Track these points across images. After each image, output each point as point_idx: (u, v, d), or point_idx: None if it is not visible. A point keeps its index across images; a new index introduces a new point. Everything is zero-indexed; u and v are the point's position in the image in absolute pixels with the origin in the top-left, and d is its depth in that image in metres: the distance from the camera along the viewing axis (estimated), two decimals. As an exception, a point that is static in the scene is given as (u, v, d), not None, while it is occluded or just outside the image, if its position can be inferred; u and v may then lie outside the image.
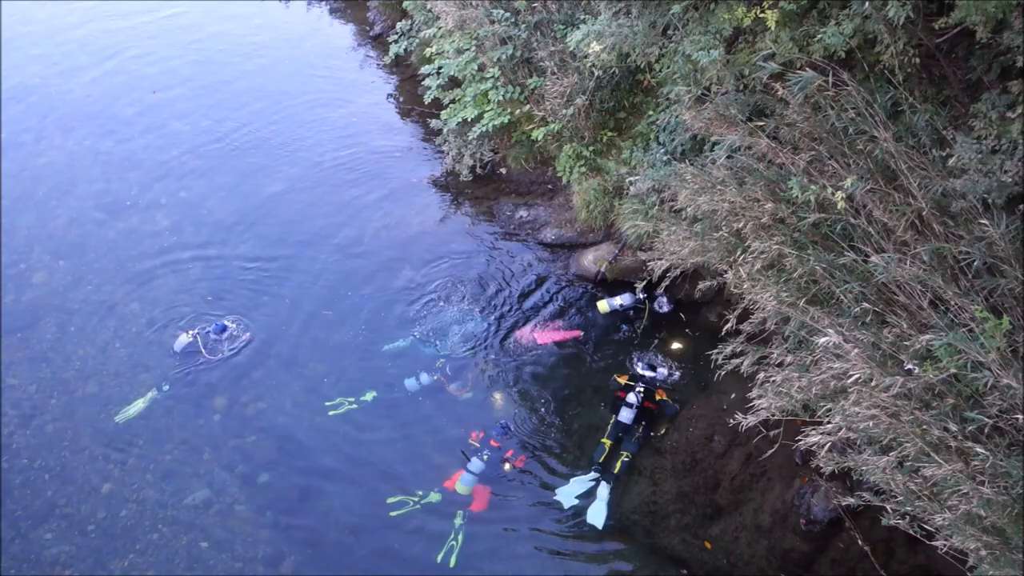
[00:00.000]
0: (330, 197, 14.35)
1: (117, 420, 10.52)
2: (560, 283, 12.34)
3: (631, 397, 10.04)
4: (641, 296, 11.28)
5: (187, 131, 16.02)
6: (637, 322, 11.38)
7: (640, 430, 9.85)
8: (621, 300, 11.44)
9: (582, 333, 11.42)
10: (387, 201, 14.25)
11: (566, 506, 9.37)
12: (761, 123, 7.87)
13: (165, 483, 9.88)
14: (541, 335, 11.43)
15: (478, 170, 14.12)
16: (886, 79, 6.93)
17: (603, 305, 11.49)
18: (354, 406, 10.63)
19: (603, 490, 9.42)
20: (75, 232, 13.44)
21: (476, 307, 11.96)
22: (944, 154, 6.48)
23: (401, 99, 17.14)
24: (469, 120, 13.30)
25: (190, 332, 11.36)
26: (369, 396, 10.71)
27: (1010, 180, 5.89)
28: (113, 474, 9.98)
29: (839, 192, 6.66)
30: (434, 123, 14.39)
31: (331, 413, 10.58)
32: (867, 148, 6.92)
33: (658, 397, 10.10)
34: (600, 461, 9.65)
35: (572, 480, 9.58)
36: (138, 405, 10.66)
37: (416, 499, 9.53)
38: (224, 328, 11.43)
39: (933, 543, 6.12)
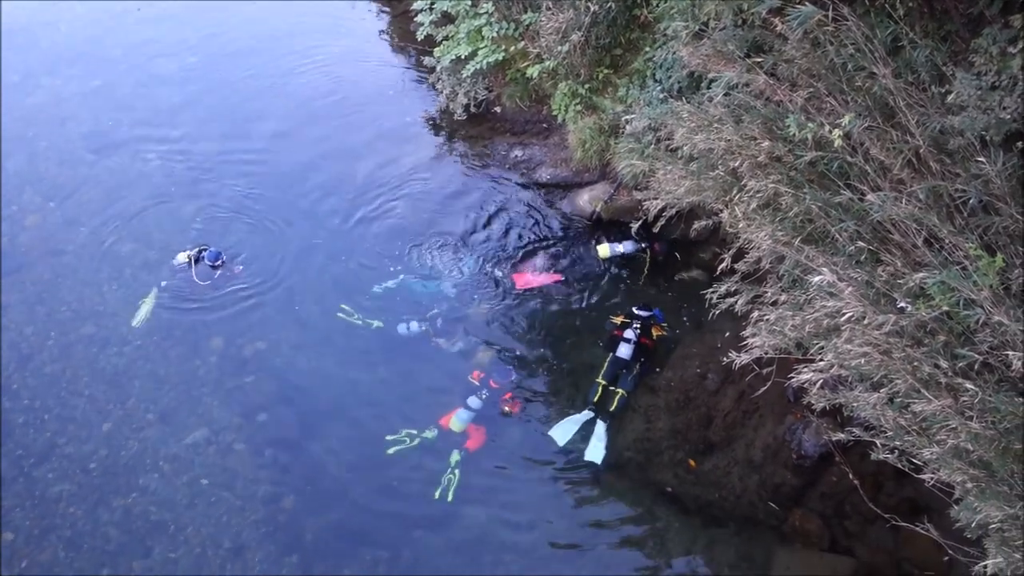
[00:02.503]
0: (321, 136, 14.20)
1: (135, 325, 10.91)
2: (556, 224, 12.32)
3: (628, 333, 10.14)
4: (643, 245, 11.28)
5: (174, 69, 15.75)
6: (636, 271, 11.37)
7: (637, 368, 9.96)
8: (623, 248, 11.42)
9: (563, 277, 11.45)
10: (379, 140, 14.11)
11: (560, 444, 9.52)
12: (759, 59, 7.76)
13: (164, 423, 10.00)
14: (533, 278, 11.44)
15: (472, 109, 13.96)
16: (886, 13, 6.82)
17: (603, 249, 11.46)
18: (359, 322, 10.81)
19: (600, 428, 9.56)
20: (66, 173, 13.32)
21: (468, 248, 11.95)
22: (943, 91, 6.41)
23: (394, 36, 16.84)
24: (463, 58, 13.09)
25: (187, 252, 11.58)
26: (374, 323, 10.80)
27: (1008, 117, 5.84)
28: (113, 414, 10.08)
29: (836, 130, 6.60)
30: (427, 61, 14.17)
31: (340, 316, 10.89)
32: (866, 85, 6.84)
33: (655, 333, 10.20)
34: (595, 401, 9.78)
35: (566, 419, 9.72)
36: (148, 304, 11.02)
37: (413, 436, 9.67)
38: (218, 256, 11.52)
39: (921, 476, 6.24)
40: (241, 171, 13.42)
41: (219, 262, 11.47)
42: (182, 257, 11.56)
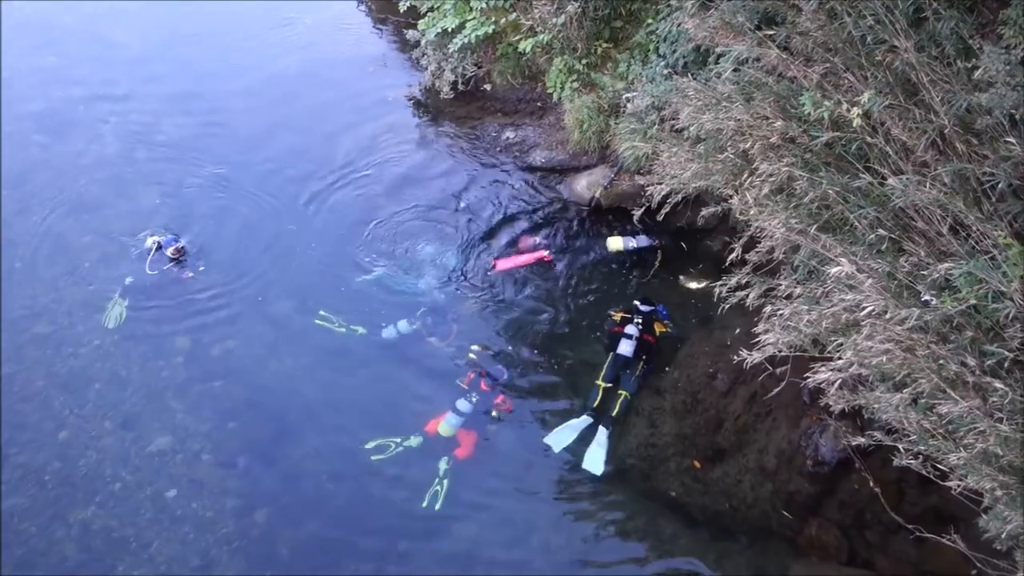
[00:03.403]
0: (293, 116, 14.20)
1: (109, 327, 10.87)
2: (551, 211, 12.32)
3: (630, 328, 10.18)
4: (656, 242, 11.31)
5: (134, 42, 15.71)
6: (642, 265, 11.41)
7: (640, 367, 9.99)
8: (637, 242, 11.43)
9: (550, 256, 11.51)
10: (358, 120, 14.10)
11: (556, 451, 9.53)
12: (771, 32, 7.78)
13: (126, 430, 9.96)
14: (515, 259, 11.48)
15: (460, 86, 13.95)
16: (909, -18, 6.85)
17: (615, 242, 11.47)
18: (341, 329, 10.75)
19: (601, 435, 9.56)
20: (17, 157, 13.27)
21: (456, 238, 11.95)
22: (969, 65, 6.43)
23: (373, 6, 16.81)
24: (449, 31, 13.07)
25: (155, 237, 11.71)
26: (358, 330, 10.79)
27: (1040, 94, 5.88)
28: (69, 421, 10.05)
29: (855, 108, 6.63)
30: (410, 34, 14.15)
31: (319, 322, 10.80)
32: (886, 59, 6.86)
33: (658, 330, 10.23)
34: (595, 406, 9.79)
35: (564, 425, 9.72)
36: (120, 305, 11.06)
37: (396, 443, 9.67)
38: (175, 241, 11.61)
39: (946, 484, 6.26)
40: (207, 155, 13.41)
41: (177, 251, 11.46)
42: (150, 242, 11.65)
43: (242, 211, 12.49)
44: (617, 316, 10.45)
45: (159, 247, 11.56)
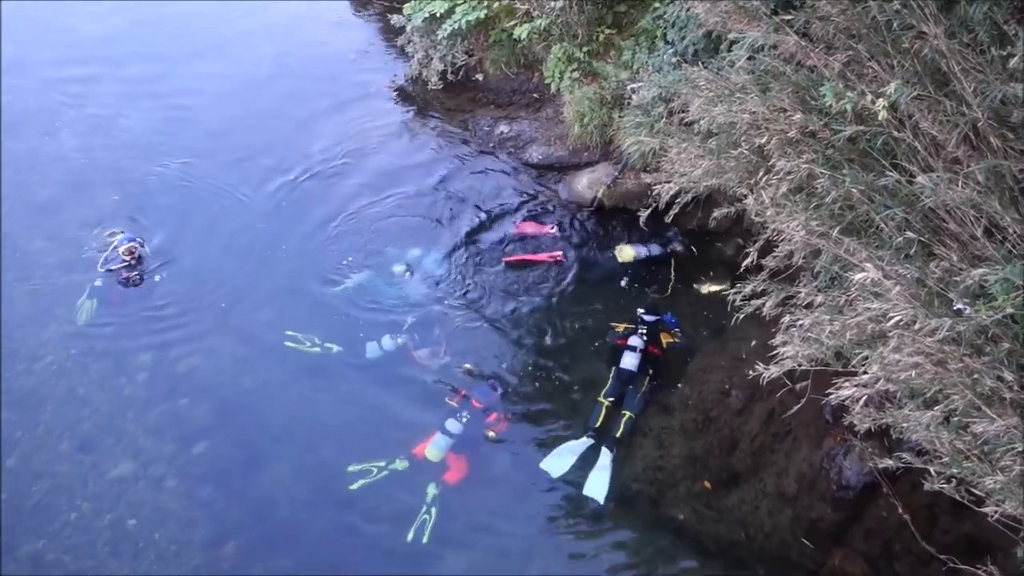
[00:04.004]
0: (270, 108, 14.24)
1: (80, 323, 10.96)
2: (549, 212, 12.34)
3: (634, 340, 10.20)
4: (669, 249, 11.34)
5: (94, 31, 15.72)
6: (657, 274, 11.43)
7: (646, 383, 9.99)
8: (649, 250, 11.46)
9: (562, 254, 11.58)
10: (339, 113, 14.13)
11: (555, 476, 9.52)
12: (789, 17, 7.79)
13: (83, 453, 9.93)
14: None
15: (449, 76, 13.99)
16: (938, -38, 6.88)
17: (627, 252, 11.50)
18: (315, 349, 10.73)
19: (604, 458, 9.56)
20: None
21: (445, 242, 11.97)
22: (1004, 53, 6.45)
23: (355, -11, 16.86)
24: (438, 15, 13.12)
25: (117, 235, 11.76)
26: (333, 348, 10.77)
27: (1082, 84, 5.90)
28: (21, 443, 10.00)
29: (880, 100, 6.64)
30: (395, 19, 14.18)
31: (288, 344, 10.72)
32: (914, 46, 6.87)
33: (665, 341, 10.24)
34: (596, 426, 9.78)
35: (562, 447, 9.71)
36: (91, 303, 11.12)
37: (380, 467, 9.66)
38: (130, 240, 11.63)
39: (982, 509, 6.26)
40: (171, 148, 13.44)
41: (128, 251, 11.45)
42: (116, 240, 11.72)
43: (210, 210, 12.51)
44: (620, 327, 10.46)
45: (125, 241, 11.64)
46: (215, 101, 14.53)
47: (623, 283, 11.34)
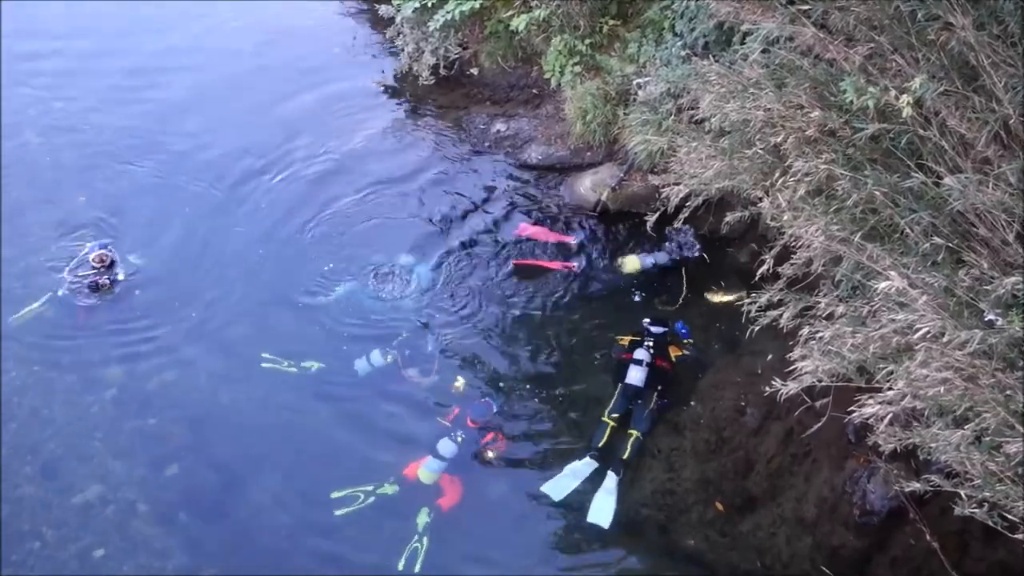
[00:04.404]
0: (248, 104, 14.28)
1: (12, 323, 10.91)
2: (550, 217, 12.35)
3: (640, 353, 10.19)
4: (678, 257, 11.35)
5: (63, 23, 15.75)
6: (667, 283, 11.45)
7: (654, 400, 10.00)
8: (655, 258, 11.47)
9: (576, 264, 11.62)
10: (322, 111, 14.16)
11: (557, 500, 9.51)
12: (806, 7, 7.83)
13: (47, 478, 9.90)
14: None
15: (442, 71, 14.02)
16: (966, -52, 6.91)
17: (632, 262, 11.49)
18: (292, 369, 10.70)
19: (609, 481, 9.54)
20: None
21: (437, 249, 11.99)
22: (1038, 45, 6.49)
23: (341, -22, 16.91)
24: (430, 5, 13.14)
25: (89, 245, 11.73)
26: (312, 366, 10.76)
27: (1120, 78, 5.93)
28: (-22, 467, 10.01)
29: (905, 96, 6.67)
30: (383, 9, 14.21)
31: (265, 366, 10.68)
32: (940, 39, 6.91)
33: (674, 354, 10.23)
34: (600, 446, 9.76)
35: (565, 469, 9.69)
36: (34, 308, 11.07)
37: (367, 492, 9.64)
38: (104, 246, 11.64)
39: (1016, 536, 6.28)
40: (144, 147, 13.47)
41: (100, 259, 11.44)
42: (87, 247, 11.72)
43: (183, 212, 12.54)
44: (624, 341, 10.46)
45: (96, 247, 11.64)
46: (190, 96, 14.55)
47: (637, 298, 11.35)
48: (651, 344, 10.27)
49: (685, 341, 10.47)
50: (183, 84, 14.75)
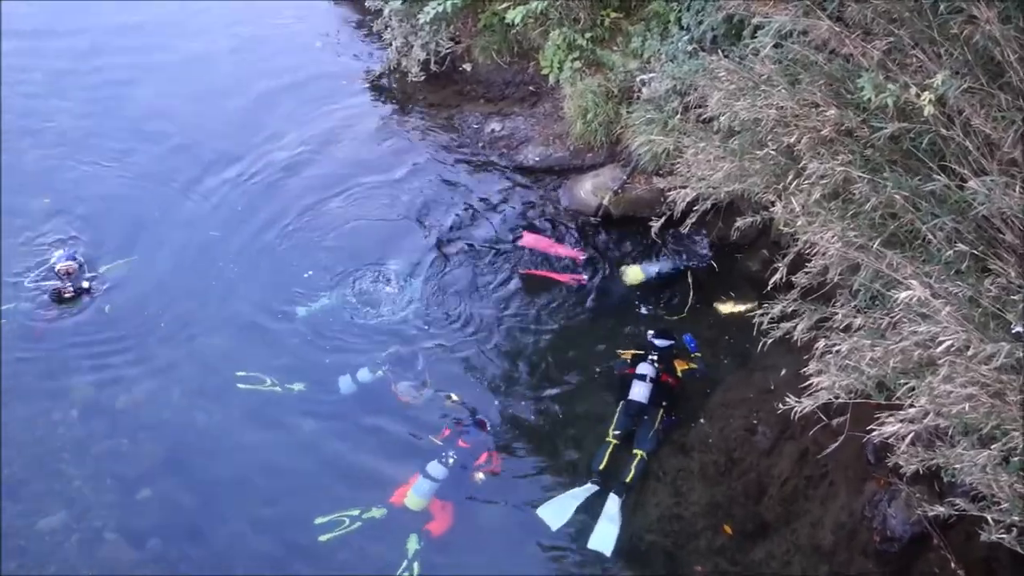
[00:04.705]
0: (224, 105, 14.31)
1: None
2: (548, 223, 12.37)
3: (644, 367, 10.21)
4: (683, 266, 11.38)
5: (24, 23, 15.78)
6: (673, 293, 11.47)
7: (659, 418, 10.00)
8: (659, 267, 11.50)
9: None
10: (305, 109, 14.19)
11: (554, 528, 9.50)
12: (821, -2, 7.89)
13: (8, 502, 9.87)
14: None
15: (433, 66, 14.04)
16: (990, -64, 6.95)
17: (634, 273, 11.53)
18: (275, 388, 10.70)
19: (612, 505, 9.53)
20: None
21: (427, 257, 11.99)
22: (1068, 40, 6.52)
23: (324, -32, 16.95)
24: (419, -3, 13.19)
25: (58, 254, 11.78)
26: (296, 387, 10.76)
27: None
28: (-66, 492, 9.99)
29: (926, 93, 6.70)
30: (370, 1, 14.24)
31: (242, 386, 10.65)
32: (964, 32, 6.94)
33: (680, 368, 10.24)
34: (601, 469, 9.74)
35: (564, 494, 9.69)
36: None
37: (353, 517, 9.63)
38: (71, 256, 11.67)
39: (1047, 563, 6.30)
40: (111, 144, 13.50)
41: (67, 270, 11.47)
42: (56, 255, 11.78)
43: (153, 215, 12.60)
44: (627, 355, 10.47)
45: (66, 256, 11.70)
46: (161, 93, 14.59)
47: (644, 311, 11.38)
48: (656, 358, 10.27)
49: (692, 355, 10.47)
50: (154, 80, 14.79)
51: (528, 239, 12.02)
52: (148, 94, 14.56)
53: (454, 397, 10.51)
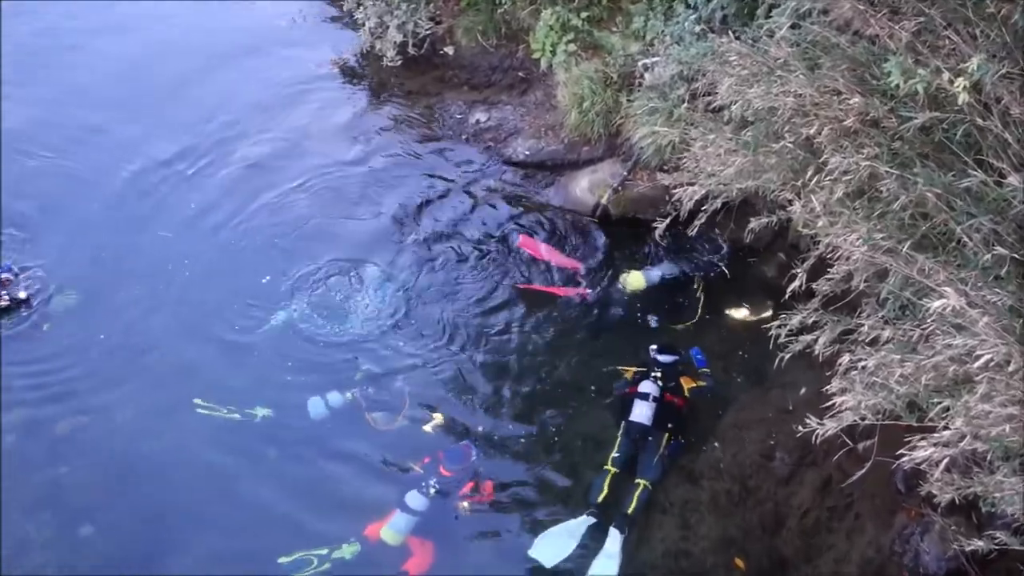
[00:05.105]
0: (178, 91, 14.29)
1: None
2: (540, 225, 12.37)
3: (647, 385, 10.19)
4: (688, 269, 11.38)
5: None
6: (681, 302, 11.47)
7: (664, 442, 9.99)
8: (661, 270, 11.50)
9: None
10: (267, 97, 14.21)
11: (548, 566, 9.48)
12: (843, -27, 7.90)
13: (-65, 540, 9.86)
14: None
15: (410, 50, 14.04)
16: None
17: (636, 279, 11.55)
18: (235, 416, 10.65)
19: (612, 541, 9.51)
20: None
21: (404, 262, 11.98)
22: (1116, 19, 6.54)
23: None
24: (396, -28, 13.21)
25: None
26: (260, 412, 10.70)
27: None
28: None
29: (960, 79, 6.71)
30: (341, -22, 14.27)
31: (201, 411, 10.61)
32: (1001, 11, 6.96)
33: (687, 386, 10.22)
34: (599, 500, 9.73)
35: (558, 528, 9.68)
36: None
37: (322, 556, 9.60)
38: (6, 269, 11.63)
39: (1097, 602, 6.30)
40: (56, 140, 13.45)
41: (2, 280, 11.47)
42: None
43: (99, 214, 12.61)
44: (628, 372, 10.45)
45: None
46: (107, 76, 14.60)
47: (653, 323, 11.38)
48: (659, 375, 10.25)
49: (701, 371, 10.46)
50: (99, 61, 14.74)
51: (526, 241, 12.00)
52: (96, 80, 14.52)
53: (435, 422, 10.48)
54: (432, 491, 9.77)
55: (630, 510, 9.63)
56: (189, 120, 13.92)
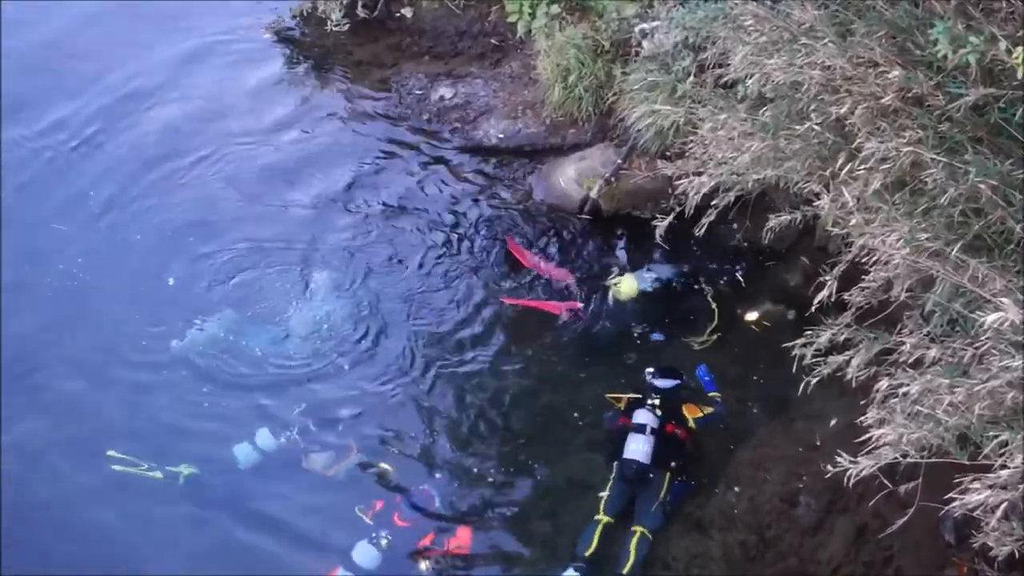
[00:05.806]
0: (86, 61, 14.27)
1: None
2: (515, 223, 12.40)
3: (642, 415, 10.17)
4: (687, 269, 11.45)
5: None
6: (689, 314, 11.54)
7: (665, 483, 10.01)
8: (656, 272, 11.53)
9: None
10: (187, 67, 14.23)
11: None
12: (881, -78, 7.95)
13: None
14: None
15: (360, 11, 14.06)
16: None
17: (628, 285, 11.60)
18: (156, 475, 10.56)
19: (605, 605, 9.57)
20: None
21: (349, 268, 11.96)
22: None
23: None
24: (342, -82, 13.25)
25: None
26: (185, 470, 10.60)
27: None
28: None
29: (1019, 48, 6.77)
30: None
31: (117, 468, 10.56)
32: (1070, -33, 7.03)
33: (691, 416, 10.21)
34: (588, 553, 9.70)
35: (540, 585, 9.73)
36: None
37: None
38: None
39: None
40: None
41: None
42: None
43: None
44: (620, 400, 10.45)
45: None
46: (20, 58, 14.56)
47: (657, 337, 11.40)
48: (657, 403, 10.23)
49: (709, 394, 10.45)
50: None
51: (513, 246, 12.00)
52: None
53: (386, 468, 10.44)
54: (384, 543, 9.74)
55: (626, 567, 9.56)
56: (89, 93, 13.90)
